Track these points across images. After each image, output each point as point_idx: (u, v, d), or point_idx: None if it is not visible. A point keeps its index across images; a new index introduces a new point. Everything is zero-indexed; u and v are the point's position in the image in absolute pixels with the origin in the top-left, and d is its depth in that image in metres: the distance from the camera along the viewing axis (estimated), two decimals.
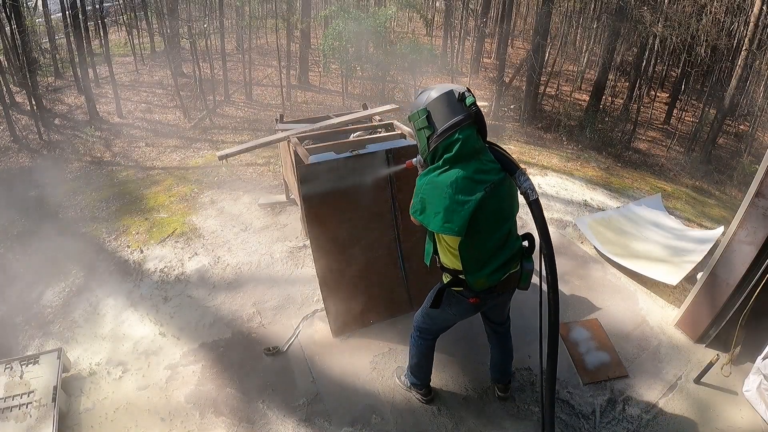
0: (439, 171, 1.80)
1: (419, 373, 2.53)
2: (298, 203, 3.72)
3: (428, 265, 2.13)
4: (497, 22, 13.75)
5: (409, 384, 2.63)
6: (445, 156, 1.79)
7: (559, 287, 3.41)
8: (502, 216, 1.89)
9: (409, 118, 1.86)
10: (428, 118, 1.78)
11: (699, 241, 3.98)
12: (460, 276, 1.98)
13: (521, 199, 1.87)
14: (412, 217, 1.96)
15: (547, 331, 1.82)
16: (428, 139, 1.80)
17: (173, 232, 4.31)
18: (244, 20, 10.22)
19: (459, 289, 2.05)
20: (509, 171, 1.81)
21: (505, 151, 1.86)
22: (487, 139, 1.87)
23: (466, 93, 1.77)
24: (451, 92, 1.77)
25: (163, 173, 6.02)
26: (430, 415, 2.54)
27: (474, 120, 1.78)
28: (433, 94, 1.79)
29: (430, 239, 2.08)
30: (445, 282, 2.09)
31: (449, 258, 1.98)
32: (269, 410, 2.59)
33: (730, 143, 11.55)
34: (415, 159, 2.12)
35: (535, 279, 2.16)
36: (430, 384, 2.61)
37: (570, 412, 2.57)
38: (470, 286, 1.98)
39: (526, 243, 2.03)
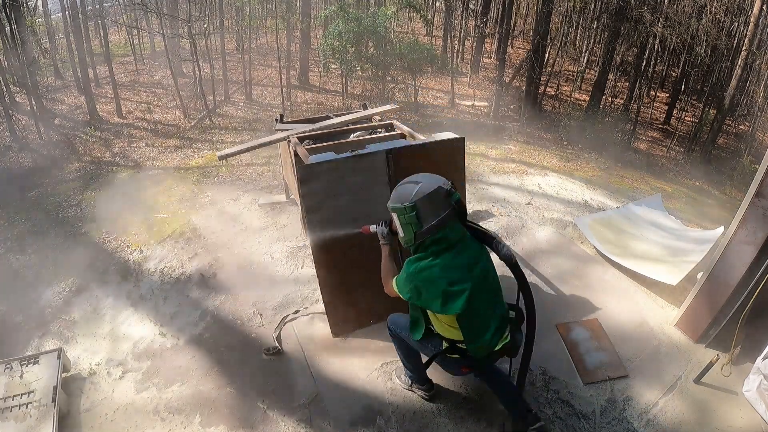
0: (429, 261, 1.88)
1: (411, 365, 2.52)
2: (298, 203, 3.72)
3: (419, 339, 2.17)
4: (497, 22, 13.74)
5: (410, 382, 2.63)
6: (433, 248, 1.88)
7: (560, 287, 3.44)
8: (488, 283, 1.99)
9: (393, 209, 1.92)
10: (417, 214, 1.84)
11: (699, 241, 3.98)
12: (459, 345, 2.06)
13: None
14: (398, 295, 2.01)
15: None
16: (415, 233, 1.88)
17: (173, 232, 4.31)
18: (244, 20, 10.23)
19: (455, 357, 2.11)
20: (487, 242, 1.96)
21: (477, 224, 2.01)
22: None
23: (452, 190, 1.87)
24: (439, 189, 1.84)
25: (163, 173, 6.02)
26: (430, 416, 2.54)
27: (458, 212, 1.89)
28: (422, 189, 1.84)
29: (418, 312, 2.12)
30: (443, 348, 2.12)
31: (446, 329, 2.05)
32: (269, 410, 2.59)
33: (730, 143, 11.56)
34: (373, 227, 2.20)
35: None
36: (431, 380, 2.60)
37: (570, 412, 2.56)
38: (472, 354, 2.04)
39: (513, 314, 2.12)
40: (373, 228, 2.21)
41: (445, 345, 2.11)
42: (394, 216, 1.93)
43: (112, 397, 2.70)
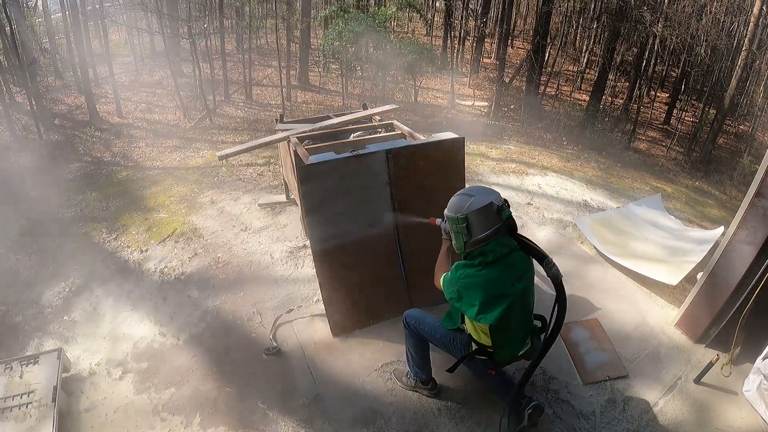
0: (475, 269, 1.99)
1: (420, 360, 2.53)
2: (298, 203, 3.72)
3: (449, 329, 2.31)
4: (497, 22, 13.74)
5: (414, 382, 2.62)
6: (480, 259, 1.98)
7: None
8: (526, 299, 2.11)
9: (447, 217, 2.04)
10: (467, 226, 1.95)
11: (699, 241, 3.98)
12: (489, 349, 2.17)
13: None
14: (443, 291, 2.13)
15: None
16: (465, 243, 2.00)
17: (173, 232, 4.31)
18: (244, 20, 10.23)
19: (483, 358, 2.24)
20: (538, 259, 2.00)
21: (530, 240, 2.05)
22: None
23: (503, 206, 1.95)
24: (490, 205, 1.93)
25: (162, 173, 6.02)
26: (430, 415, 2.54)
27: (508, 227, 1.97)
28: (474, 203, 1.94)
29: (457, 309, 2.21)
30: (472, 349, 2.24)
31: (478, 334, 2.17)
32: (269, 410, 2.59)
33: (730, 143, 11.56)
34: (439, 220, 2.29)
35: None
36: (434, 378, 2.60)
37: (570, 412, 2.56)
38: (497, 360, 2.20)
39: (538, 323, 2.26)
40: (438, 221, 2.31)
41: (474, 347, 2.23)
42: (448, 224, 2.03)
43: (112, 398, 2.69)
